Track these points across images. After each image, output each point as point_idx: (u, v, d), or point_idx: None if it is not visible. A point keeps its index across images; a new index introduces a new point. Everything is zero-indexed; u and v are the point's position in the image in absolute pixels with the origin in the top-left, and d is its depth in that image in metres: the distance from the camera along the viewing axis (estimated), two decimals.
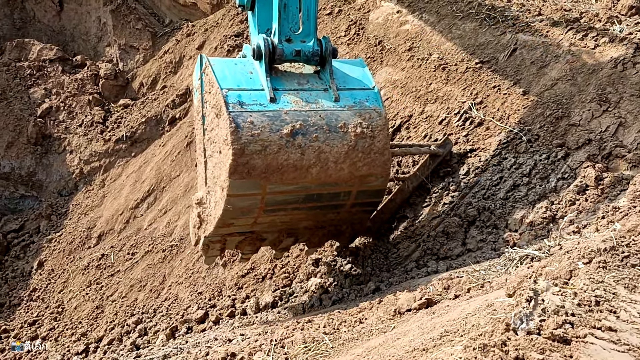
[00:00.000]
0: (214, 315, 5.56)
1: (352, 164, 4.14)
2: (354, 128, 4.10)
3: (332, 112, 4.12)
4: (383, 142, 4.21)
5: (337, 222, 4.76)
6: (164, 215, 7.44)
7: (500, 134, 5.17)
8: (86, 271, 7.42)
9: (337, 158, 4.08)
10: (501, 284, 2.84)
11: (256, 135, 3.88)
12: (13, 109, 9.31)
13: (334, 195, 4.37)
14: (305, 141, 3.99)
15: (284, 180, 4.02)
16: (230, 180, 3.89)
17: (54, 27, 10.82)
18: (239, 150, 3.82)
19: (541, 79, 5.23)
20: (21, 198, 9.50)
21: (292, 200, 4.29)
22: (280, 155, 3.94)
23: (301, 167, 4.02)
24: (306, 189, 4.20)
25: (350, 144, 4.09)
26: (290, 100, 4.10)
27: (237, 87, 4.06)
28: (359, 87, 4.37)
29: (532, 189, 4.64)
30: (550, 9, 5.92)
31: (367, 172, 4.22)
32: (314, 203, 4.40)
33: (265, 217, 4.35)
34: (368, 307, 3.82)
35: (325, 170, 4.08)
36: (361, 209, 4.66)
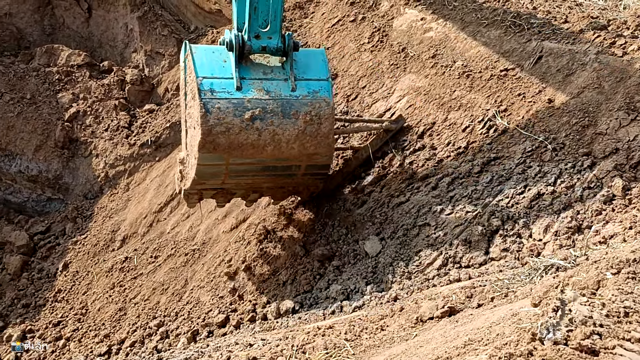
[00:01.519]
0: (235, 320, 5.58)
1: (301, 145, 4.96)
2: (304, 116, 4.90)
3: (288, 101, 4.88)
4: (328, 128, 5.00)
5: (294, 185, 5.72)
6: (186, 220, 7.51)
7: (525, 142, 5.12)
8: (110, 273, 7.51)
9: (289, 139, 4.90)
10: (526, 294, 2.81)
11: (222, 118, 4.71)
12: (42, 113, 9.50)
13: (286, 167, 5.31)
14: (263, 125, 4.80)
15: (243, 155, 4.90)
16: (200, 154, 4.80)
17: (82, 33, 11.03)
18: (207, 130, 4.68)
19: (567, 87, 5.17)
20: (48, 200, 9.67)
21: (251, 170, 5.25)
22: (241, 135, 4.77)
23: (258, 146, 4.86)
24: (263, 162, 5.11)
25: (300, 129, 4.90)
26: (254, 89, 4.85)
27: (210, 76, 4.83)
28: (315, 77, 5.08)
29: (557, 198, 4.58)
30: (577, 16, 5.85)
31: (314, 151, 5.05)
32: (270, 172, 5.36)
33: (230, 180, 5.32)
34: (389, 314, 3.80)
35: (278, 148, 4.92)
36: (312, 177, 5.59)
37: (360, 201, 5.87)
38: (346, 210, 5.92)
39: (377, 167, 6.08)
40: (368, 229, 5.58)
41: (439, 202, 5.26)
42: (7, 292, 8.03)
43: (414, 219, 5.30)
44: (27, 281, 8.14)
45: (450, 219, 5.06)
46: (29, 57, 10.26)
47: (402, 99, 6.53)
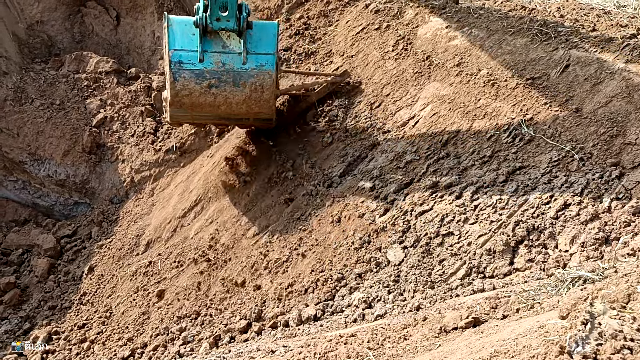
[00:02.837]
0: (257, 326, 5.60)
1: (247, 106, 6.49)
2: (251, 85, 6.30)
3: (238, 73, 6.24)
4: (269, 95, 6.42)
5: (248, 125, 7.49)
6: (209, 225, 7.57)
7: (551, 152, 5.06)
8: (134, 277, 7.59)
9: (238, 102, 6.42)
10: (553, 305, 2.77)
11: (186, 85, 6.22)
12: (70, 119, 9.69)
13: (238, 119, 6.95)
14: (217, 91, 6.29)
15: (202, 111, 6.56)
16: (170, 108, 6.55)
17: (110, 40, 11.24)
18: (174, 94, 6.29)
19: (595, 96, 5.10)
20: (75, 204, 9.84)
21: (211, 118, 7.00)
22: (200, 97, 6.33)
23: (214, 105, 6.43)
24: (219, 116, 6.76)
25: (247, 95, 6.37)
26: (213, 62, 6.18)
27: (180, 48, 6.14)
28: (263, 52, 6.28)
29: (584, 209, 4.51)
30: (605, 24, 5.78)
31: (258, 111, 6.59)
32: (226, 121, 7.14)
33: (197, 121, 7.30)
34: (412, 323, 3.78)
35: (230, 108, 6.49)
36: (261, 122, 7.10)
37: (383, 209, 5.86)
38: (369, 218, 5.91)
39: (399, 175, 6.07)
40: (391, 237, 5.56)
41: (463, 211, 5.22)
42: (34, 294, 8.18)
43: (438, 227, 5.27)
44: (53, 283, 8.27)
45: (474, 229, 5.02)
46: (59, 64, 10.48)
47: (426, 107, 6.51)
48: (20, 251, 9.03)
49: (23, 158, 9.68)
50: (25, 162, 9.70)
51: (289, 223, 6.61)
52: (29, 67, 10.28)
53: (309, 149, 7.35)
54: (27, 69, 10.20)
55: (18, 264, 8.86)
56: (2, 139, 9.61)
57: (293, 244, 6.29)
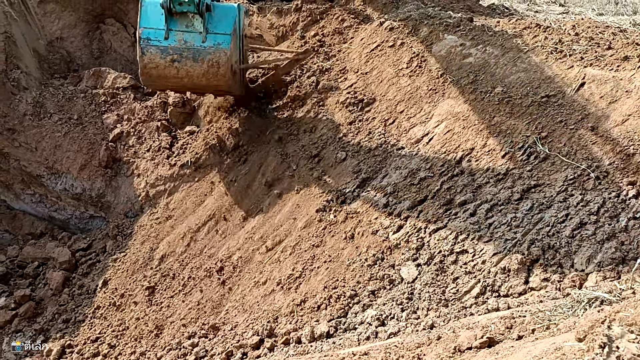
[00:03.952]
0: (269, 342, 5.58)
1: (207, 80, 7.24)
2: (208, 61, 7.06)
3: (198, 50, 7.01)
4: (224, 70, 7.11)
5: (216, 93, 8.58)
6: (223, 240, 7.60)
7: (567, 170, 5.03)
8: (147, 291, 7.62)
9: (198, 75, 7.18)
10: (569, 327, 2.74)
11: (152, 59, 7.08)
12: (87, 133, 9.81)
13: (202, 89, 7.95)
14: (179, 65, 7.08)
15: (168, 83, 7.54)
16: (141, 78, 7.46)
17: (128, 56, 11.40)
18: (142, 66, 7.18)
19: (611, 114, 5.08)
20: (90, 218, 9.92)
21: (179, 87, 8.04)
22: (165, 70, 7.14)
23: (178, 77, 7.22)
24: (184, 86, 7.77)
25: (205, 69, 7.11)
26: (176, 39, 6.99)
27: (149, 27, 7.00)
28: (222, 32, 7.04)
29: (600, 228, 4.46)
30: (621, 42, 5.77)
31: (217, 84, 7.39)
32: (193, 90, 8.40)
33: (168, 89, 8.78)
34: (426, 342, 3.75)
35: (192, 80, 7.27)
36: (225, 95, 8.41)
37: (396, 226, 5.84)
38: (382, 235, 5.90)
39: (413, 192, 6.06)
40: (404, 254, 5.53)
41: (477, 228, 5.20)
42: (48, 307, 8.23)
43: (452, 245, 5.24)
44: (68, 297, 8.32)
45: (488, 247, 4.98)
46: (78, 80, 10.64)
47: (440, 124, 6.52)
48: (36, 264, 9.11)
49: (40, 172, 9.80)
50: (43, 176, 9.83)
51: (302, 239, 6.62)
52: (48, 82, 10.46)
53: (322, 164, 7.37)
54: (46, 84, 10.38)
55: (33, 277, 8.93)
56: (21, 152, 9.75)
57: (306, 260, 6.29)
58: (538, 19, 7.11)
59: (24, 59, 10.26)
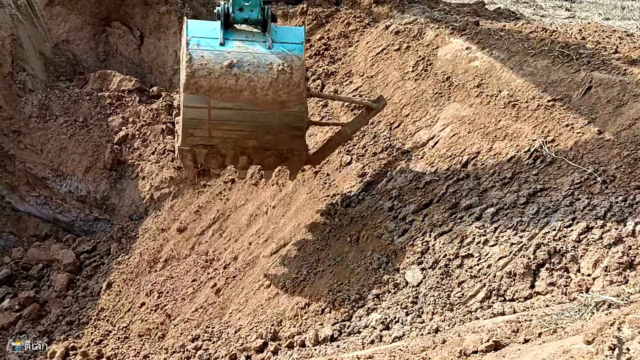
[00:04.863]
0: (273, 345, 5.56)
1: (274, 92, 5.50)
2: (277, 66, 5.47)
3: (263, 55, 5.51)
4: (299, 78, 5.50)
5: (277, 145, 5.99)
6: (227, 243, 7.59)
7: (573, 174, 5.00)
8: (151, 294, 7.62)
9: (263, 86, 5.47)
10: (577, 330, 2.71)
11: (204, 64, 5.40)
12: (92, 136, 9.84)
13: (264, 115, 5.71)
14: (240, 72, 5.43)
15: (223, 98, 5.50)
16: (184, 94, 5.49)
17: (133, 59, 11.45)
18: (190, 73, 5.37)
19: (618, 118, 5.05)
20: (95, 220, 9.94)
21: (232, 117, 5.69)
22: (220, 79, 5.42)
23: (236, 90, 5.47)
24: (241, 108, 5.60)
25: (273, 77, 5.46)
26: (234, 46, 5.54)
27: (199, 36, 5.53)
28: (290, 41, 5.67)
29: (607, 232, 4.42)
30: (628, 46, 5.75)
31: (287, 98, 5.55)
32: (250, 121, 5.74)
33: (216, 132, 5.79)
34: (431, 346, 3.72)
35: (254, 94, 5.49)
36: (290, 133, 5.89)
37: (401, 230, 5.82)
38: (387, 239, 5.88)
39: (419, 196, 6.04)
40: (409, 258, 5.51)
41: (482, 232, 5.17)
42: (52, 309, 8.23)
43: (457, 249, 5.22)
44: (72, 299, 8.33)
45: (494, 251, 4.95)
46: (83, 82, 10.68)
47: (445, 127, 6.50)
48: (41, 266, 9.13)
49: (46, 174, 9.83)
50: (48, 178, 9.85)
51: (307, 242, 6.60)
52: (54, 84, 10.50)
53: (327, 167, 7.36)
54: (52, 86, 10.42)
55: (38, 279, 8.95)
56: (26, 155, 9.79)
57: (310, 263, 6.27)
58: (544, 23, 7.10)
59: (30, 62, 10.31)
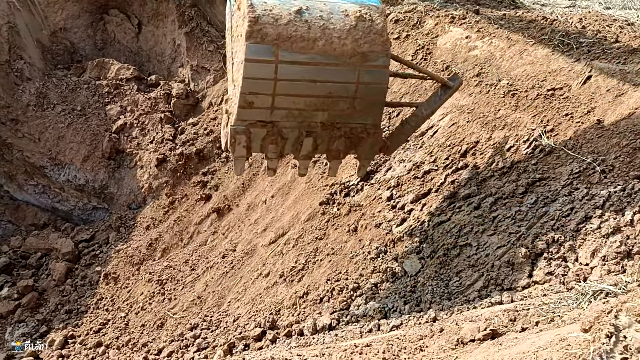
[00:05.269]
0: (271, 334, 5.57)
1: (354, 41, 4.58)
2: (355, 13, 4.62)
3: (335, 3, 4.70)
4: (381, 25, 4.65)
5: (350, 119, 5.02)
6: (226, 232, 7.59)
7: (572, 164, 4.99)
8: (150, 283, 7.63)
9: (340, 34, 4.57)
10: (574, 319, 2.71)
11: (268, 10, 4.47)
12: (90, 125, 9.81)
13: (341, 72, 4.74)
14: (311, 18, 4.55)
15: (293, 48, 4.52)
16: (247, 44, 4.43)
17: (131, 48, 11.39)
18: (253, 19, 4.39)
19: (617, 108, 5.03)
20: (93, 210, 9.94)
21: (303, 76, 4.70)
22: (289, 26, 4.49)
23: (308, 39, 4.53)
24: (314, 62, 4.63)
25: (351, 24, 4.59)
26: None
27: None
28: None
29: (605, 222, 4.42)
30: (629, 36, 5.71)
31: (368, 49, 4.62)
32: (324, 82, 4.75)
33: (280, 99, 4.76)
34: (429, 334, 3.73)
35: (330, 43, 4.56)
36: (369, 99, 4.93)
37: (400, 219, 5.82)
38: (386, 228, 5.88)
39: (417, 185, 6.03)
40: (407, 247, 5.51)
41: (481, 222, 5.16)
42: (51, 298, 8.25)
43: (455, 238, 5.22)
44: (70, 287, 8.34)
45: (492, 240, 4.95)
46: (81, 70, 10.64)
47: (445, 117, 6.48)
48: (39, 255, 9.14)
49: (44, 163, 9.81)
50: (46, 167, 9.84)
51: (305, 231, 6.60)
52: (51, 73, 10.46)
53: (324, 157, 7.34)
54: (49, 75, 10.37)
55: (36, 268, 8.96)
56: (24, 143, 9.76)
57: (309, 252, 6.27)
58: (545, 12, 7.05)
59: (27, 50, 10.25)
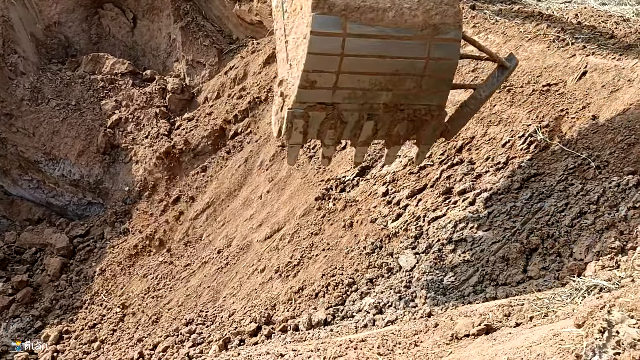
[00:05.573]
0: (267, 329, 5.58)
1: (425, 12, 4.32)
2: None
3: None
4: None
5: (415, 100, 4.73)
6: (222, 227, 7.58)
7: (567, 159, 4.99)
8: (145, 278, 7.62)
9: (411, 4, 4.31)
10: (568, 314, 2.72)
11: None
12: (85, 119, 9.77)
13: (411, 47, 4.44)
14: None
15: (362, 19, 4.21)
16: (313, 15, 4.10)
17: (126, 42, 11.33)
18: None
19: (612, 104, 5.03)
20: (88, 205, 9.91)
21: (371, 51, 4.39)
22: None
23: (377, 9, 4.24)
24: (383, 35, 4.33)
25: None
26: None
27: None
28: None
29: (599, 217, 4.43)
30: (624, 31, 5.71)
31: (440, 21, 4.36)
32: (393, 57, 4.45)
33: (345, 77, 4.44)
34: (423, 330, 3.73)
35: (400, 14, 4.29)
36: (437, 76, 4.63)
37: (395, 215, 5.82)
38: (381, 223, 5.88)
39: (413, 181, 6.03)
40: (403, 243, 5.52)
41: (476, 217, 5.17)
42: (46, 293, 8.23)
43: (450, 233, 5.23)
44: (65, 283, 8.32)
45: (487, 235, 4.96)
46: (76, 65, 10.58)
47: None
48: (34, 250, 9.11)
49: (38, 157, 9.77)
50: (40, 162, 9.80)
51: (300, 227, 6.60)
52: (45, 67, 10.40)
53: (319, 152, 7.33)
54: (44, 69, 10.32)
55: (31, 263, 8.93)
56: (18, 138, 9.72)
57: (304, 247, 6.27)
58: (540, 7, 7.04)
59: (21, 44, 10.19)
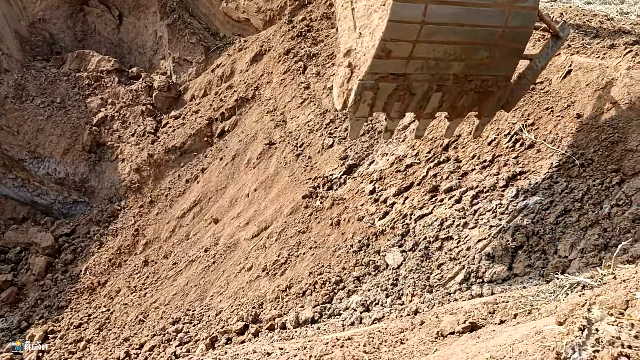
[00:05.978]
0: (254, 328, 5.57)
1: None
2: None
3: None
4: None
5: (485, 71, 4.65)
6: (208, 226, 7.55)
7: (552, 157, 5.03)
8: (131, 277, 7.57)
9: None
10: (550, 311, 2.74)
11: None
12: (70, 117, 9.68)
13: (490, 14, 4.32)
14: None
15: None
16: None
17: (112, 39, 11.24)
18: None
19: (597, 102, 5.08)
20: (74, 203, 9.82)
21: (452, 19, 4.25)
22: None
23: None
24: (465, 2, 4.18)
25: None
26: None
27: None
28: None
29: (583, 215, 4.48)
30: (608, 30, 5.76)
31: None
32: (472, 25, 4.33)
33: (422, 46, 4.32)
34: (409, 327, 3.75)
35: None
36: (512, 45, 4.53)
37: (382, 213, 5.83)
38: (368, 221, 5.89)
39: (400, 179, 6.05)
40: (390, 241, 5.53)
41: (462, 215, 5.20)
42: (30, 293, 8.15)
43: (437, 231, 5.25)
44: (50, 282, 8.25)
45: (473, 233, 4.99)
46: (61, 62, 10.47)
47: None
48: (18, 249, 9.01)
49: (22, 156, 9.67)
50: (25, 160, 9.69)
51: (288, 225, 6.59)
52: (30, 64, 10.29)
53: (309, 150, 7.33)
54: (28, 66, 10.20)
55: (15, 262, 8.84)
56: (2, 136, 9.61)
57: (292, 245, 6.27)
58: None
59: (5, 41, 10.07)
